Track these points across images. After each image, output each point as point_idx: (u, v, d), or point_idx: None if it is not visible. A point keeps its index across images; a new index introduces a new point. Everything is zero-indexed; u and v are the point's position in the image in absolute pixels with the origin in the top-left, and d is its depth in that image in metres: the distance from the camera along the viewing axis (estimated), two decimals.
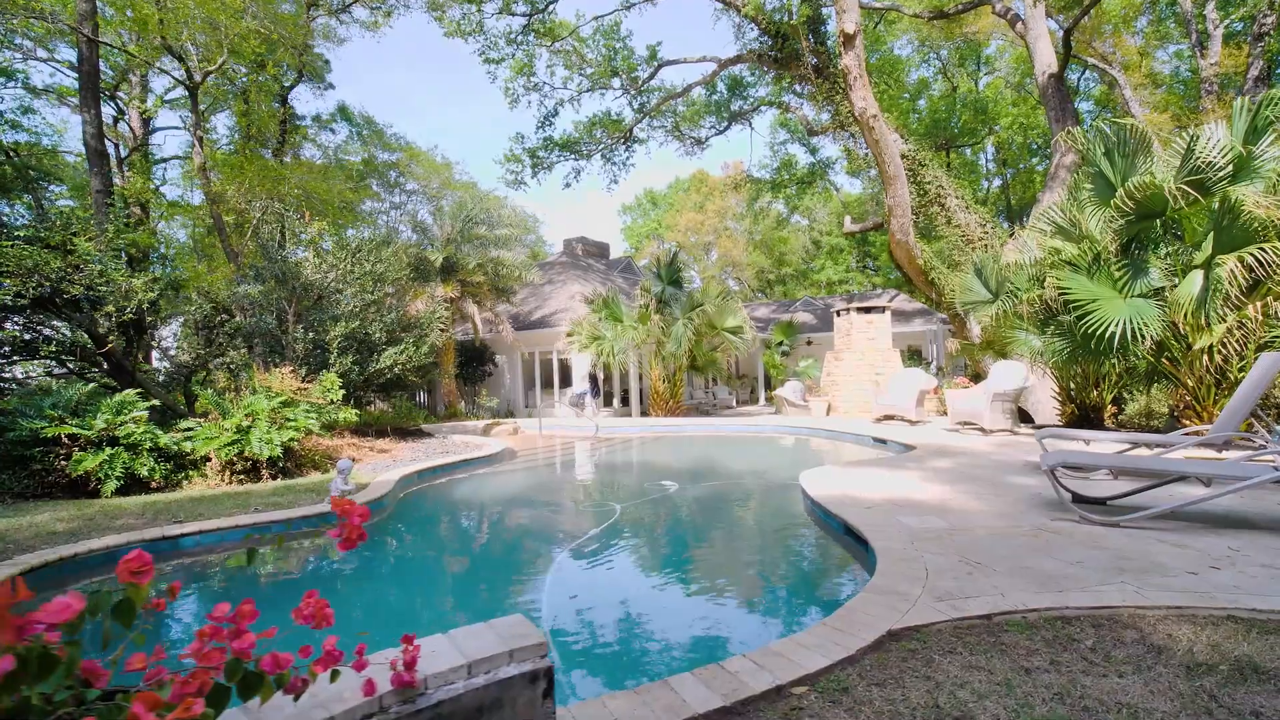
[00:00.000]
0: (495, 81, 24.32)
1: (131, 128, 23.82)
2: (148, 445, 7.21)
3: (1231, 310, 6.95)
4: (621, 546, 5.32)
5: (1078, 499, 4.98)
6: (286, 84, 20.78)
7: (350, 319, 10.82)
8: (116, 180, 23.45)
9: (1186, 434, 5.97)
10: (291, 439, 8.04)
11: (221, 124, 28.04)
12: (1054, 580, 3.29)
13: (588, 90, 25.04)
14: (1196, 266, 7.12)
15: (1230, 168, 6.96)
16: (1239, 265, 6.41)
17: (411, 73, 72.31)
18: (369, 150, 32.04)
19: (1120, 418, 10.64)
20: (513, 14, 22.40)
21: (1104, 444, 7.51)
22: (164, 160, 26.82)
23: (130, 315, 7.71)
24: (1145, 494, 5.11)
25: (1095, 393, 9.94)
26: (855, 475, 6.58)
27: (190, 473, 7.60)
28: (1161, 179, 7.06)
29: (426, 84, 75.17)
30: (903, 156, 17.05)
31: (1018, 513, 4.77)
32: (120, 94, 24.13)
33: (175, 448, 7.45)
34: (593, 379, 19.28)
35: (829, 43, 18.35)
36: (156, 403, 8.04)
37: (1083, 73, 31.42)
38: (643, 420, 15.85)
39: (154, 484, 7.19)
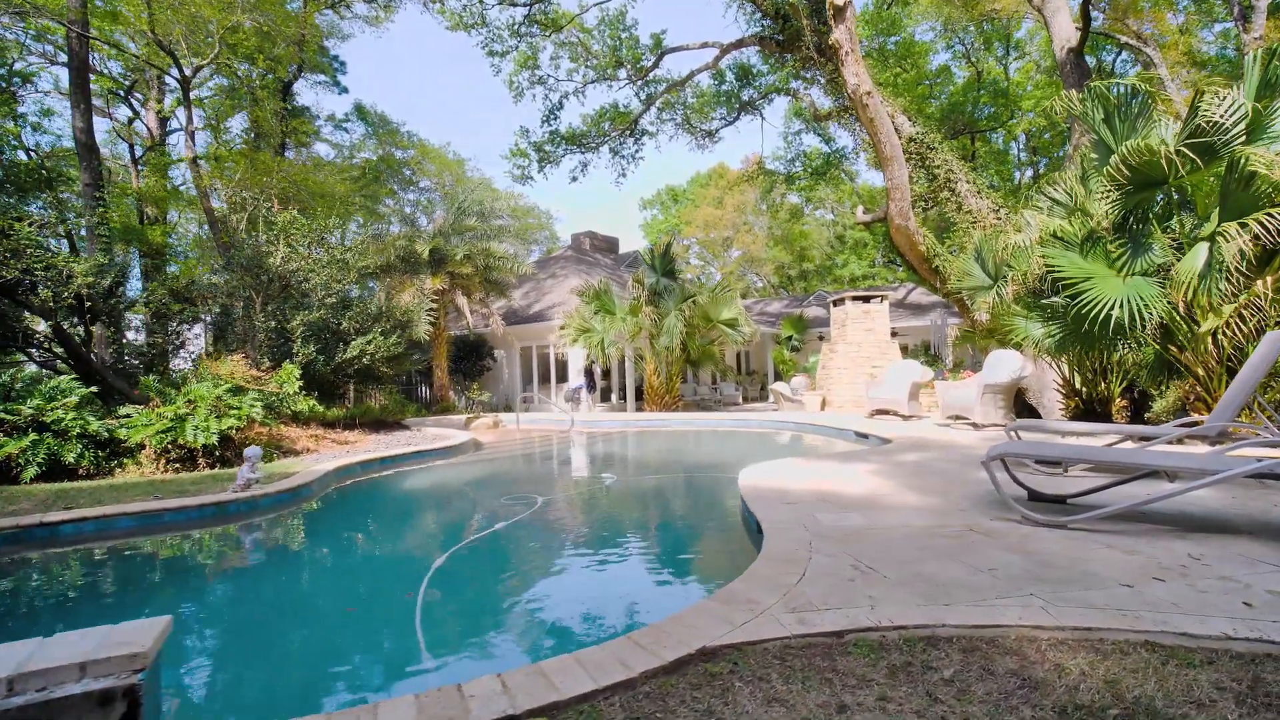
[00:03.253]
0: (499, 75, 24.08)
1: (148, 127, 24.32)
2: (76, 431, 7.02)
3: (1242, 288, 6.10)
4: (517, 543, 4.85)
5: (1034, 496, 4.32)
6: (286, 79, 20.87)
7: (317, 307, 10.60)
8: (130, 180, 24.07)
9: (1179, 425, 5.22)
10: (231, 427, 7.80)
11: (236, 124, 28.56)
12: (947, 591, 2.70)
13: (593, 81, 24.57)
14: (1203, 239, 6.28)
15: (1242, 128, 6.12)
16: (1241, 232, 5.59)
17: (449, 75, 73.18)
18: (384, 148, 32.23)
19: (1147, 415, 9.72)
20: (514, 4, 22.12)
21: (1097, 438, 6.74)
22: (181, 160, 27.37)
23: (69, 300, 7.57)
24: (1110, 491, 4.41)
25: (1103, 385, 9.07)
26: (802, 469, 5.98)
27: (124, 460, 7.41)
28: (1159, 142, 6.24)
29: (462, 86, 76.06)
30: (910, 140, 16.18)
31: (956, 511, 4.14)
32: (137, 94, 24.71)
33: (107, 434, 7.26)
34: (588, 373, 18.86)
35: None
36: (95, 389, 7.89)
37: (1118, 54, 29.69)
38: (630, 415, 15.34)
39: (81, 471, 7.01)
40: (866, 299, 14.56)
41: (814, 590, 2.74)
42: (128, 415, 7.67)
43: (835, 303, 15.19)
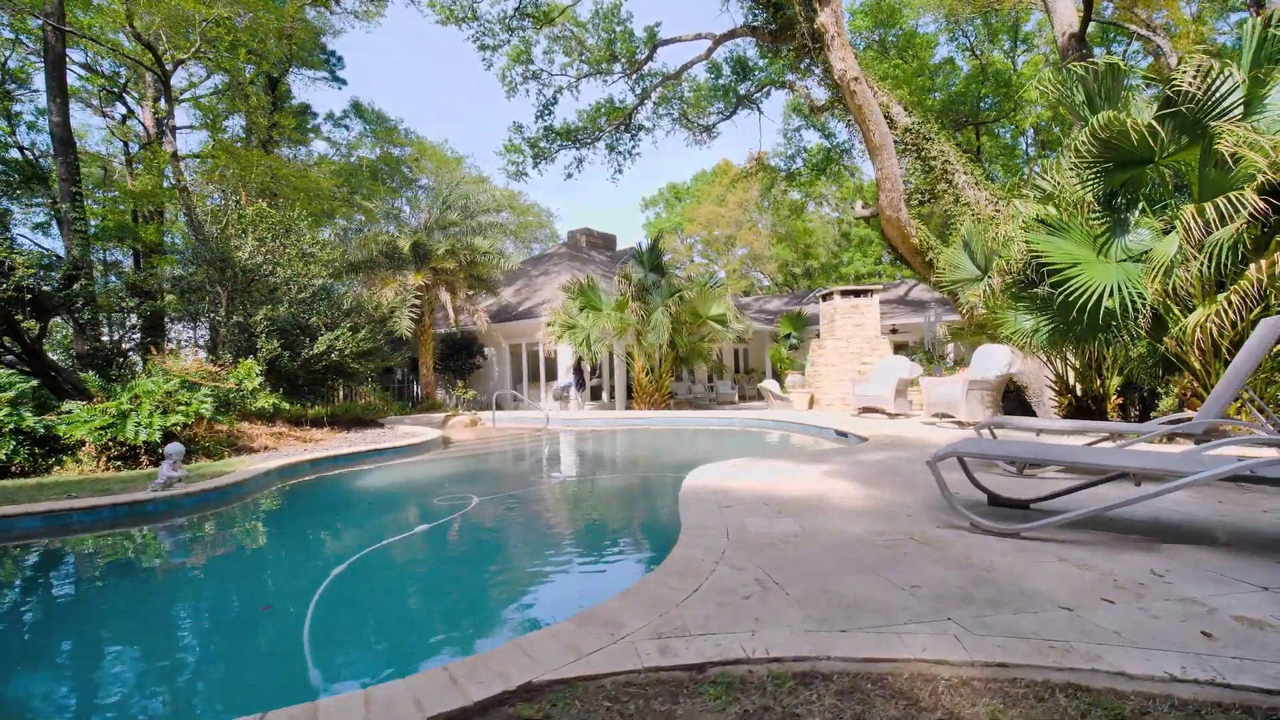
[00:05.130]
0: (491, 69, 23.72)
1: (144, 125, 24.25)
2: (10, 427, 6.76)
3: (1232, 274, 5.61)
4: (428, 549, 4.49)
5: (994, 500, 3.89)
6: (273, 74, 20.68)
7: (285, 303, 10.31)
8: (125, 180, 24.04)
9: (1164, 422, 4.76)
10: (176, 424, 7.51)
11: (234, 124, 28.48)
12: (851, 613, 2.29)
13: (587, 75, 24.19)
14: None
15: (1234, 99, 5.63)
16: (1196, 216, 5.12)
17: (447, 71, 73.10)
18: (381, 145, 32.03)
19: (1153, 414, 9.20)
20: None
21: (1078, 436, 6.27)
22: (182, 158, 27.28)
23: (10, 292, 7.32)
24: (1078, 495, 3.97)
25: (1098, 382, 8.57)
26: (756, 469, 5.58)
27: (63, 458, 7.13)
28: (1129, 115, 5.77)
29: (459, 83, 75.95)
30: (906, 130, 15.69)
31: (904, 516, 3.72)
32: (133, 92, 24.68)
33: (44, 430, 6.99)
34: (577, 371, 18.49)
35: None
36: (39, 383, 7.63)
37: (1128, 44, 28.89)
38: (615, 413, 14.96)
39: (15, 469, 6.74)
40: (856, 294, 14.08)
41: (698, 611, 2.35)
42: (69, 411, 7.40)
43: (824, 297, 14.73)
